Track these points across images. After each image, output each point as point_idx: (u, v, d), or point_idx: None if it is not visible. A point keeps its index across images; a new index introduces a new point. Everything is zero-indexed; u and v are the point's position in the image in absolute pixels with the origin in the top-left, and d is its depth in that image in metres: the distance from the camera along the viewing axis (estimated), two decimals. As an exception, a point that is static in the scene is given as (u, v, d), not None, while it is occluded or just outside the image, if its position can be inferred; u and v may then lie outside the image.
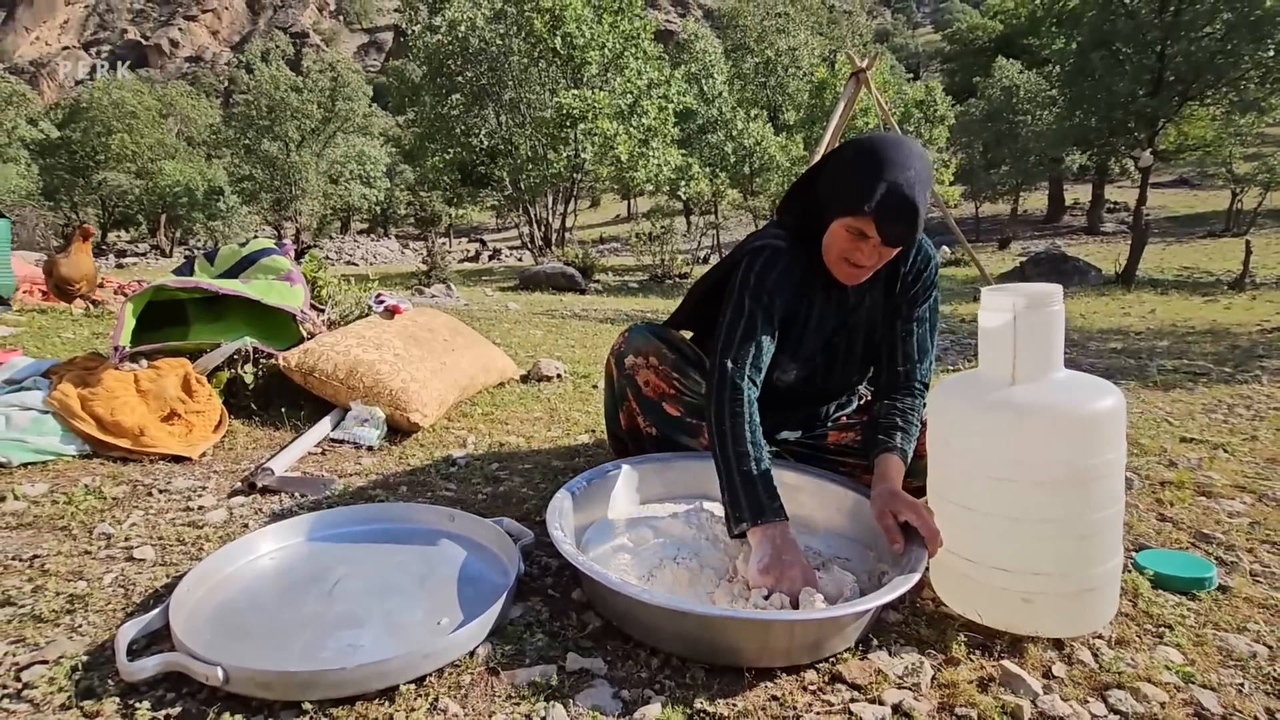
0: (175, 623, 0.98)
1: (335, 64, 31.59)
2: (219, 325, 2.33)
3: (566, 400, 2.60)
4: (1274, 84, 14.10)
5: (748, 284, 1.31)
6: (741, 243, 1.41)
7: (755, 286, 1.30)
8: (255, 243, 2.42)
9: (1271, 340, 4.92)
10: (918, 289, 1.39)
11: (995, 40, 35.37)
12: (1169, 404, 2.88)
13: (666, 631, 1.03)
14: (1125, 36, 15.05)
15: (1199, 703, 0.96)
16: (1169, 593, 1.25)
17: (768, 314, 1.30)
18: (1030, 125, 22.21)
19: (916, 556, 1.10)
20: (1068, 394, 1.07)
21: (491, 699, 0.94)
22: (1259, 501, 1.71)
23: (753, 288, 1.30)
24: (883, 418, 1.34)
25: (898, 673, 1.01)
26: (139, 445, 1.75)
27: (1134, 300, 8.68)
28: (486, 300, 8.25)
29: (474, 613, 1.06)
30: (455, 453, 1.95)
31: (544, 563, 1.31)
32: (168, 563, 1.27)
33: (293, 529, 1.31)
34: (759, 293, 1.30)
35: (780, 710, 0.93)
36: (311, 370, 2.09)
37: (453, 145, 18.35)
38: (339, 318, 2.58)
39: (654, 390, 1.55)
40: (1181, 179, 28.04)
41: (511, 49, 16.77)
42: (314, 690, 0.90)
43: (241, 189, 28.29)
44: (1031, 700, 0.96)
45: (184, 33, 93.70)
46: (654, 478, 1.49)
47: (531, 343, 4.06)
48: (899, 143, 1.19)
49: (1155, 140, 15.75)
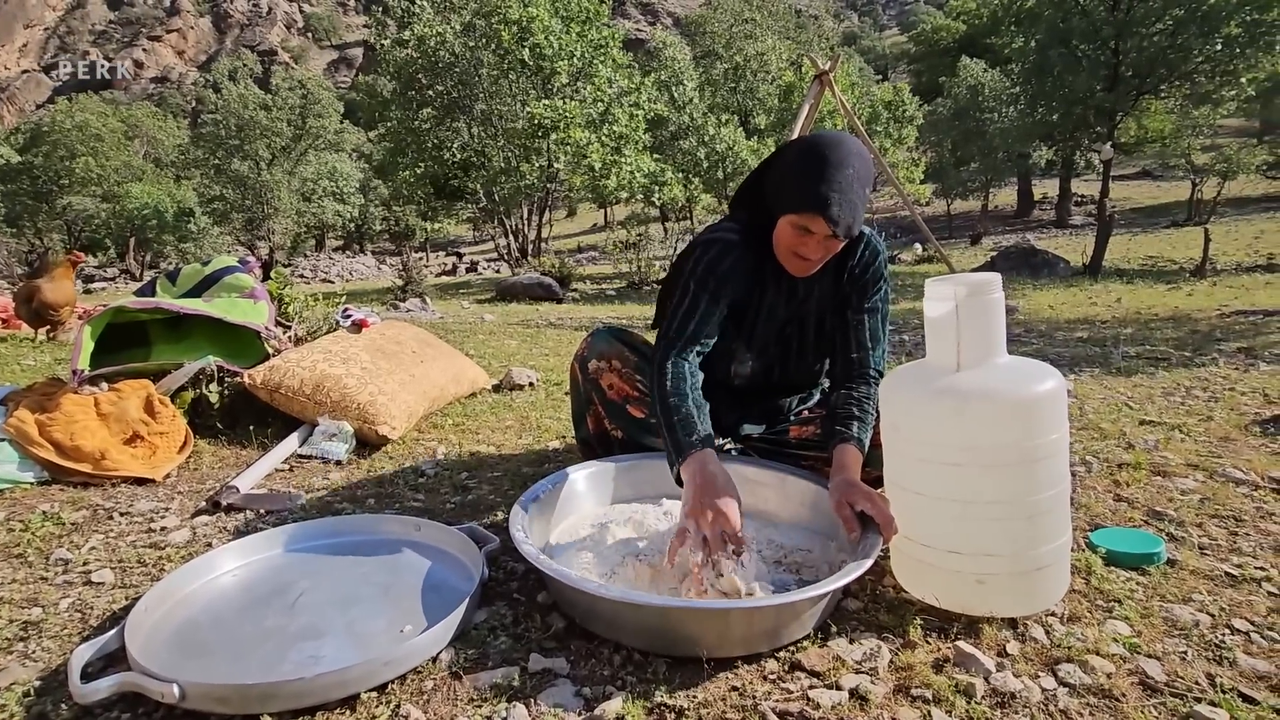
0: (131, 643, 0.97)
1: (305, 81, 31.35)
2: (182, 345, 2.31)
3: (538, 408, 2.61)
4: (1224, 77, 14.54)
5: (695, 272, 1.37)
6: (696, 235, 1.45)
7: (703, 274, 1.36)
8: (218, 261, 2.40)
9: (1229, 325, 5.06)
10: (866, 280, 1.43)
11: (959, 40, 36.13)
12: (1130, 389, 2.95)
13: (628, 626, 1.04)
14: (1081, 34, 15.45)
15: (1144, 671, 0.99)
16: (1120, 569, 1.29)
17: (713, 298, 1.35)
18: (996, 123, 22.68)
19: (871, 543, 1.13)
20: (1010, 378, 1.10)
21: (454, 703, 0.94)
22: (1210, 478, 1.77)
23: (699, 275, 1.36)
24: (839, 408, 1.37)
25: (856, 658, 1.03)
26: (100, 469, 1.73)
27: (1100, 290, 8.86)
28: (462, 313, 8.21)
29: (438, 619, 1.06)
30: (425, 464, 1.94)
31: (510, 567, 1.31)
32: (127, 585, 1.25)
33: (255, 545, 1.30)
34: (705, 279, 1.35)
35: (740, 700, 0.94)
36: (277, 387, 2.07)
37: (424, 159, 18.28)
38: (306, 334, 2.57)
39: (618, 393, 1.57)
40: (1145, 171, 28.78)
41: (481, 61, 16.77)
42: (273, 702, 0.90)
43: (212, 210, 27.88)
44: (984, 678, 0.98)
45: (149, 53, 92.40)
46: (620, 479, 1.50)
47: (506, 352, 4.05)
48: (839, 141, 1.23)
49: (1115, 134, 16.16)
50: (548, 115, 14.97)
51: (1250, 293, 7.55)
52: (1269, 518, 1.51)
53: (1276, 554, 1.35)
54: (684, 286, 1.36)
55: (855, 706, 0.93)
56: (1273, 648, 1.05)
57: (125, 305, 2.07)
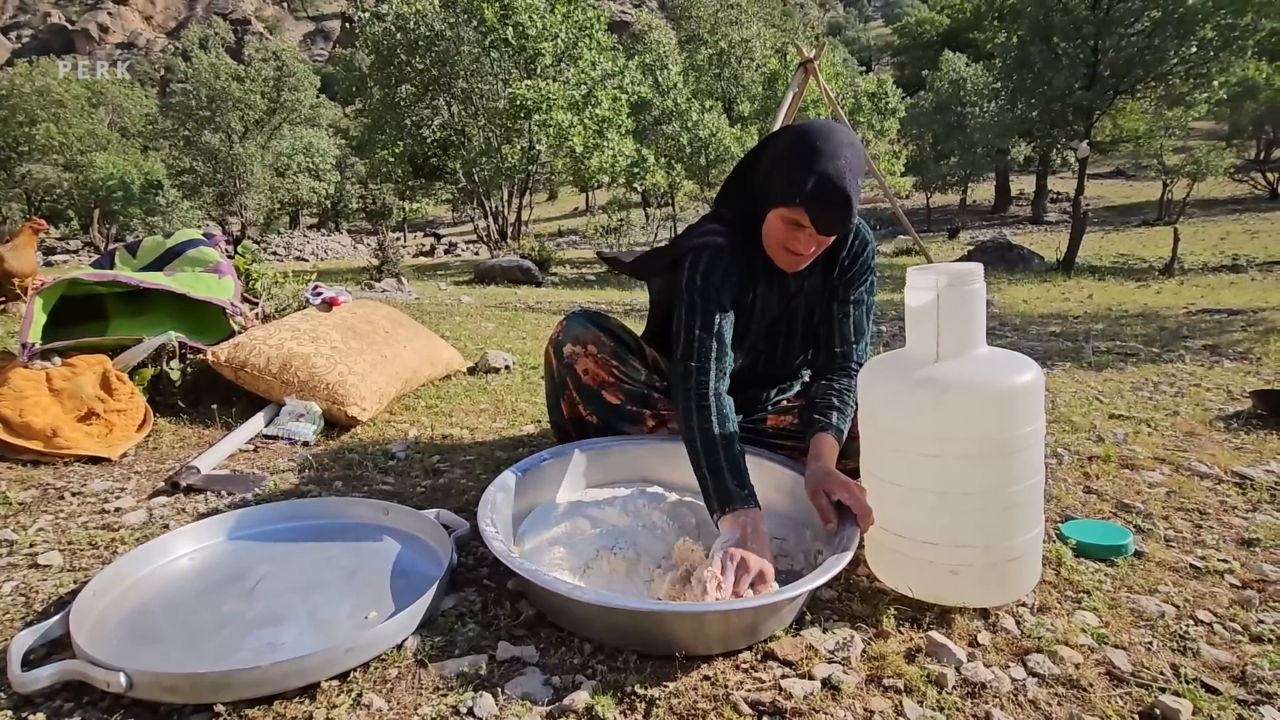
0: (76, 629, 0.93)
1: (280, 52, 30.42)
2: (141, 320, 2.22)
3: (514, 391, 2.57)
4: (1197, 79, 14.81)
5: (694, 284, 1.31)
6: (679, 238, 1.39)
7: (703, 286, 1.31)
8: (181, 233, 2.31)
9: (1195, 322, 5.18)
10: (855, 271, 1.41)
11: (943, 34, 36.30)
12: (1101, 383, 2.99)
13: (600, 626, 1.01)
14: (1062, 31, 15.62)
15: (1111, 661, 1.00)
16: (1089, 560, 1.30)
17: (721, 308, 1.30)
18: (977, 117, 22.86)
19: (849, 535, 1.12)
20: (988, 369, 1.09)
21: (418, 691, 0.91)
22: (1176, 471, 1.80)
23: (700, 288, 1.31)
24: (819, 398, 1.36)
25: (829, 648, 1.02)
26: (51, 447, 1.65)
27: (1074, 286, 9.02)
28: (439, 294, 8.08)
29: (405, 606, 1.03)
30: (395, 446, 1.90)
31: (480, 553, 1.28)
32: (76, 568, 1.20)
33: (213, 528, 1.26)
34: (707, 289, 1.30)
35: (712, 689, 0.93)
36: (243, 365, 2.01)
37: (403, 137, 17.89)
38: (274, 311, 2.49)
39: (593, 379, 1.54)
40: (1118, 170, 29.28)
41: (462, 39, 16.41)
42: (226, 691, 0.86)
43: (182, 183, 27.04)
44: (955, 668, 0.98)
45: (114, 17, 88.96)
46: (594, 464, 1.47)
47: (482, 335, 3.99)
48: (829, 131, 1.20)
49: (1091, 132, 16.40)
50: (530, 96, 14.73)
51: (1216, 292, 7.74)
52: (1232, 511, 1.54)
53: (1239, 547, 1.37)
54: (689, 302, 1.30)
55: (827, 696, 0.92)
56: (1234, 639, 1.07)
57: (80, 277, 1.98)
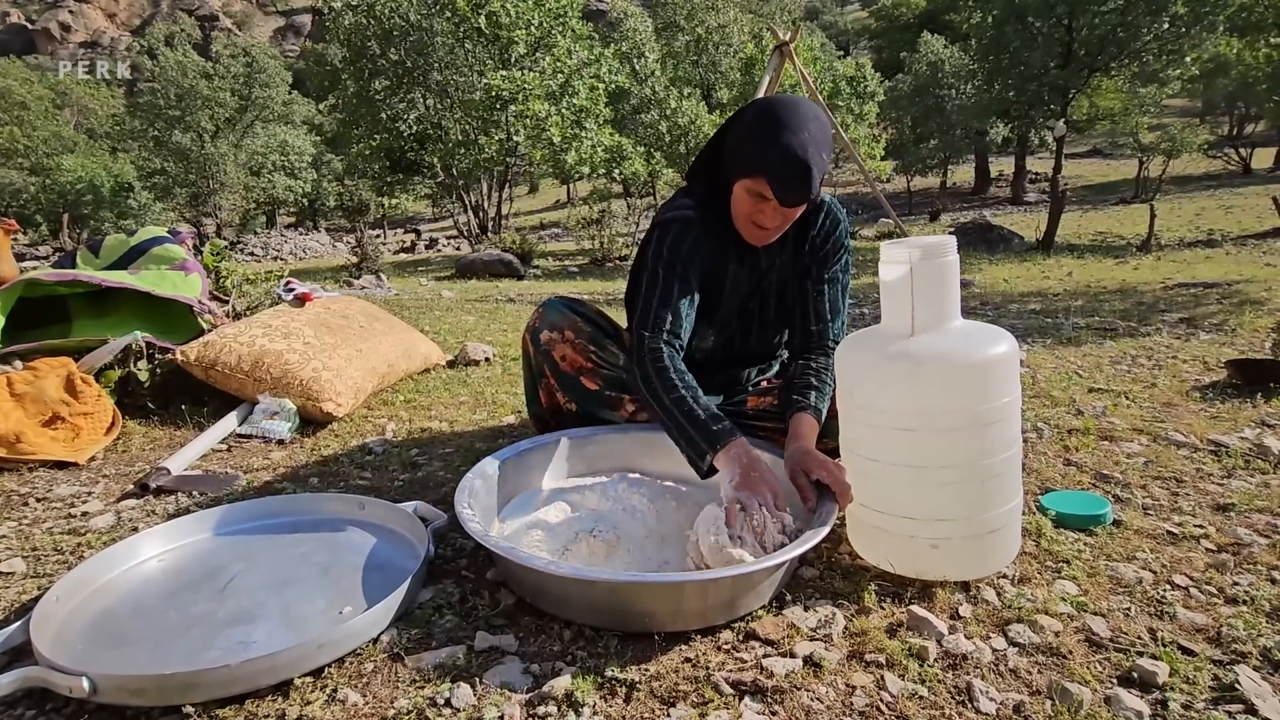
0: (38, 635, 0.90)
1: (249, 48, 29.84)
2: (106, 321, 2.16)
3: (494, 383, 2.54)
4: (1170, 56, 14.95)
5: (660, 255, 1.31)
6: (655, 216, 1.39)
7: (668, 257, 1.31)
8: (145, 231, 2.25)
9: (1171, 297, 5.24)
10: (827, 249, 1.40)
11: (920, 16, 36.31)
12: (1080, 358, 3.02)
13: (578, 603, 1.00)
14: (1036, 9, 15.67)
15: (1090, 628, 1.00)
16: (1069, 530, 1.31)
17: (683, 281, 1.30)
18: (955, 99, 22.93)
19: (827, 510, 1.11)
20: (963, 342, 1.09)
21: (394, 685, 0.90)
22: (1153, 442, 1.81)
23: (665, 259, 1.31)
24: (797, 378, 1.35)
25: (810, 625, 1.01)
26: (14, 453, 1.61)
27: (1053, 264, 9.11)
28: (420, 290, 7.99)
29: (380, 599, 1.01)
30: (373, 441, 1.87)
31: (459, 544, 1.26)
32: (40, 574, 1.17)
33: (183, 528, 1.23)
34: (672, 262, 1.30)
35: (693, 671, 0.92)
36: (213, 364, 1.97)
37: (379, 131, 17.61)
38: (246, 309, 2.44)
39: (571, 365, 1.52)
40: (1095, 150, 29.52)
41: (435, 29, 16.17)
42: (195, 692, 0.84)
43: (153, 184, 26.48)
44: (937, 640, 0.98)
45: (76, 15, 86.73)
46: (575, 453, 1.46)
47: (463, 328, 3.95)
48: (794, 105, 1.20)
49: (1068, 111, 16.52)
50: (505, 87, 14.56)
51: (1191, 266, 7.85)
52: (1207, 478, 1.55)
53: (1215, 512, 1.38)
54: (651, 272, 1.31)
55: (809, 674, 0.91)
56: (1210, 602, 1.08)
57: (39, 278, 1.93)
